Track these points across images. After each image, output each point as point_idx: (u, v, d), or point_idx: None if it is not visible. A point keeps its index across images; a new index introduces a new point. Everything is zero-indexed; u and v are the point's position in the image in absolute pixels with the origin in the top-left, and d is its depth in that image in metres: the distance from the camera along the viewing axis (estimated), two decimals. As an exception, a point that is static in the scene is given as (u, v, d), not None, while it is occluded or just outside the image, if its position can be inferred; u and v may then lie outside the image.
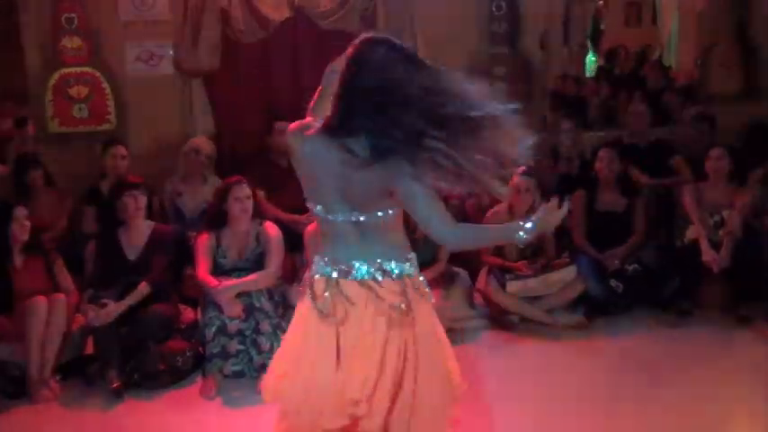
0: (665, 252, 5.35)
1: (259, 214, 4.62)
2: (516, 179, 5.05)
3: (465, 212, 5.62)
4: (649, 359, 4.41)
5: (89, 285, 4.53)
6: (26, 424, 3.95)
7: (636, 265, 5.14)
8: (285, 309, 4.49)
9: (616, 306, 5.11)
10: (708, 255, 4.93)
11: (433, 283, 4.92)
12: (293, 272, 5.07)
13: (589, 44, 11.42)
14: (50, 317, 4.23)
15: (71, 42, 5.89)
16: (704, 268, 4.95)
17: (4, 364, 4.21)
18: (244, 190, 4.48)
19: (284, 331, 4.32)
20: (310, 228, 4.85)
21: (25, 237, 4.46)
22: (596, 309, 5.07)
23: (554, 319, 4.96)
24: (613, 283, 5.09)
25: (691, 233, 5.19)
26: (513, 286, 4.94)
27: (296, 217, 5.42)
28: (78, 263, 4.84)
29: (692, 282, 5.10)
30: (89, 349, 4.48)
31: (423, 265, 4.93)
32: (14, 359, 4.23)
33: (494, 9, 6.51)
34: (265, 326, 4.24)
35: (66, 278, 4.57)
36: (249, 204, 4.50)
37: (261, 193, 5.03)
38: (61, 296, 4.36)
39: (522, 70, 6.62)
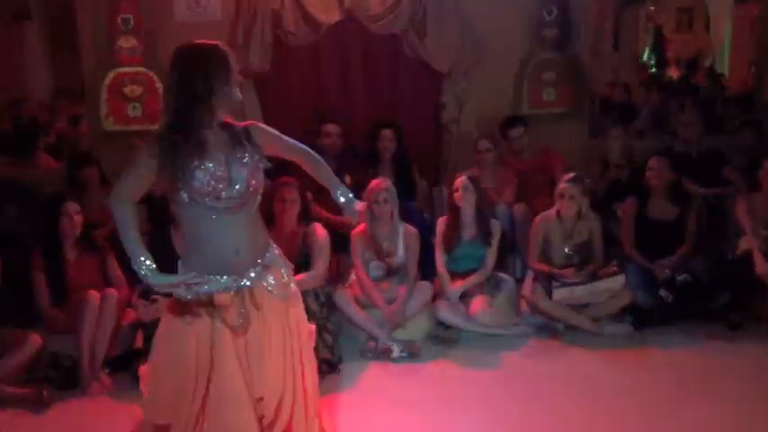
0: (717, 263, 5.24)
1: (307, 216, 4.65)
2: (562, 185, 5.00)
3: (512, 217, 5.58)
4: (699, 372, 4.33)
5: (140, 281, 4.59)
6: (78, 414, 4.04)
7: (686, 276, 5.02)
8: (330, 310, 4.50)
9: (665, 316, 5.02)
10: (761, 267, 4.82)
11: (478, 289, 4.95)
12: (339, 273, 5.09)
13: (649, 53, 11.20)
14: (102, 311, 4.33)
15: (126, 43, 6.02)
16: (757, 281, 4.85)
17: (57, 355, 4.33)
18: (290, 192, 4.51)
19: (329, 332, 4.40)
20: (357, 230, 4.87)
21: (77, 232, 4.56)
22: (644, 319, 4.99)
23: (600, 327, 4.89)
24: (663, 293, 4.99)
25: (743, 244, 5.08)
26: (559, 294, 4.87)
27: (343, 219, 5.43)
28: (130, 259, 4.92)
29: (744, 294, 4.99)
30: (139, 343, 4.56)
31: (469, 272, 4.98)
32: (67, 351, 4.34)
33: (545, 14, 6.47)
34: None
35: (117, 274, 4.66)
36: (292, 207, 4.51)
37: (309, 195, 5.06)
38: (113, 291, 4.45)
39: (571, 76, 6.56)
